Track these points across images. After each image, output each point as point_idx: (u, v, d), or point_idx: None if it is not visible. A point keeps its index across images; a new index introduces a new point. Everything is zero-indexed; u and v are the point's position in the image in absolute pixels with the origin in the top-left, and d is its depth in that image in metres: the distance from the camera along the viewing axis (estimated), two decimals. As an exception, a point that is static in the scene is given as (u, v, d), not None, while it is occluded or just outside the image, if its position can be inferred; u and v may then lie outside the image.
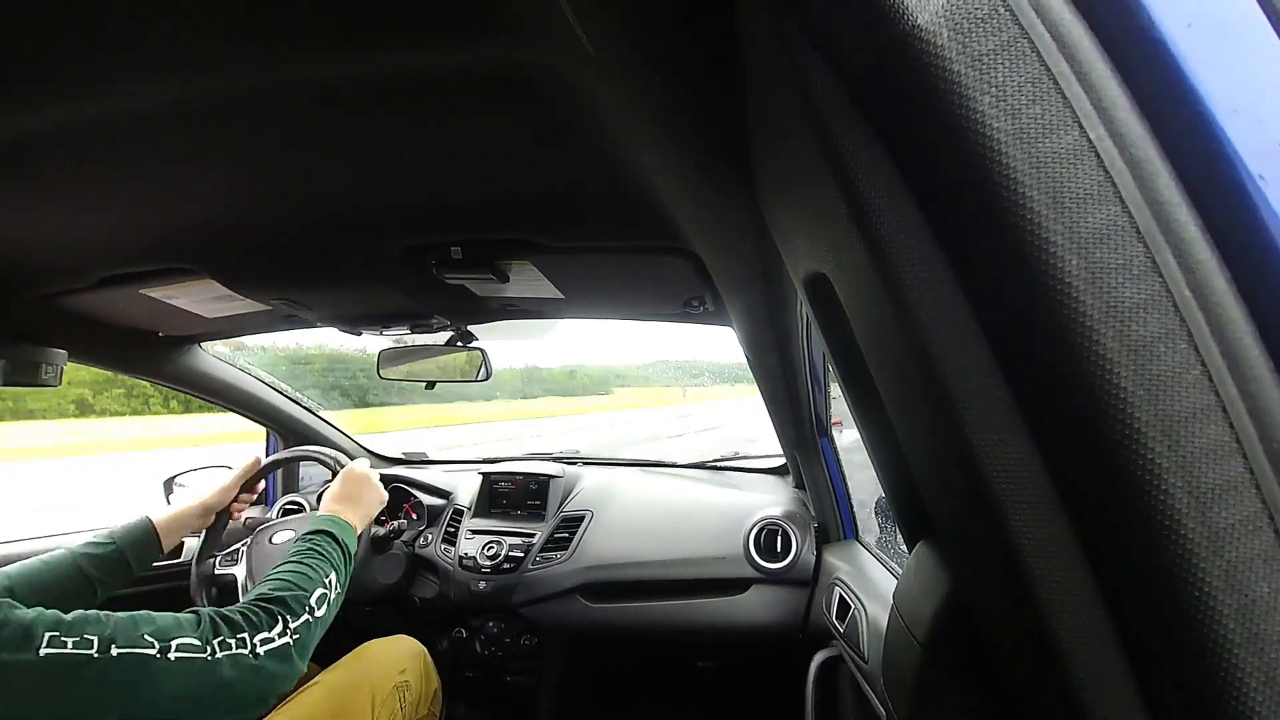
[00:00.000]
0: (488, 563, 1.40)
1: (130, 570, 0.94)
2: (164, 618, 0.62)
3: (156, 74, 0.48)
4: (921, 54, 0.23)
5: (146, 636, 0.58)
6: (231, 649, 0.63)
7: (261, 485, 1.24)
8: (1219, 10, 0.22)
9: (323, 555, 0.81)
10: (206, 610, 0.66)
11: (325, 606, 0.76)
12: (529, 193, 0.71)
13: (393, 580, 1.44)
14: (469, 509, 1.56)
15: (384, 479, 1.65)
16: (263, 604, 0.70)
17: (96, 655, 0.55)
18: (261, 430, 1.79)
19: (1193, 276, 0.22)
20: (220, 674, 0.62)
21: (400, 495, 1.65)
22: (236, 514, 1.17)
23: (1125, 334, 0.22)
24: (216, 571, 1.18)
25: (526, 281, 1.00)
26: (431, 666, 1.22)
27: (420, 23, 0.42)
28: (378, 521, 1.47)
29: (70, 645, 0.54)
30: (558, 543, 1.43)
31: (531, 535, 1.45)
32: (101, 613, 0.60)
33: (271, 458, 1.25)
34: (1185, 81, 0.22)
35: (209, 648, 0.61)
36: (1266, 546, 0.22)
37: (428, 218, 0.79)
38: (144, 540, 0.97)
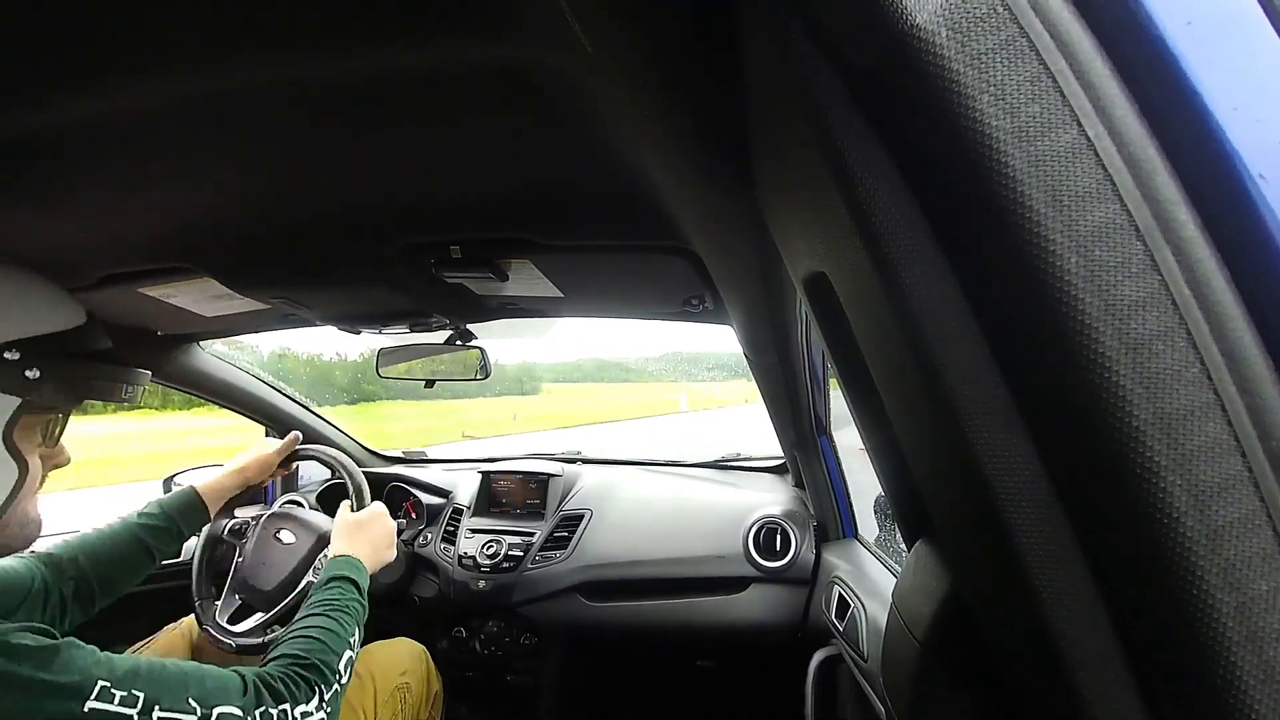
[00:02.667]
0: (487, 562, 1.41)
1: (182, 536, 0.99)
2: (213, 677, 0.62)
3: (156, 73, 0.48)
4: (920, 53, 0.23)
5: (190, 701, 0.58)
6: (273, 718, 0.64)
7: (290, 468, 1.20)
8: (1218, 8, 0.22)
9: (350, 613, 0.81)
10: (251, 674, 0.66)
11: (349, 671, 0.77)
12: (528, 191, 0.71)
13: (392, 580, 1.45)
14: (468, 508, 1.56)
15: (383, 478, 1.67)
16: (300, 671, 0.70)
17: (137, 717, 0.54)
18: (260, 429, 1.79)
19: (1191, 274, 0.22)
20: None
21: (400, 494, 1.65)
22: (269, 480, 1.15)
23: (1124, 332, 0.22)
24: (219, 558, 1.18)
25: (526, 280, 1.00)
26: (433, 669, 1.22)
27: (419, 22, 0.42)
28: None
29: (116, 701, 0.53)
30: (557, 541, 1.43)
31: (531, 534, 1.45)
32: (155, 662, 0.60)
33: (308, 448, 1.17)
34: (1184, 79, 0.22)
35: (250, 718, 0.62)
36: (1265, 544, 0.22)
37: (427, 217, 0.78)
38: (193, 508, 1.01)
